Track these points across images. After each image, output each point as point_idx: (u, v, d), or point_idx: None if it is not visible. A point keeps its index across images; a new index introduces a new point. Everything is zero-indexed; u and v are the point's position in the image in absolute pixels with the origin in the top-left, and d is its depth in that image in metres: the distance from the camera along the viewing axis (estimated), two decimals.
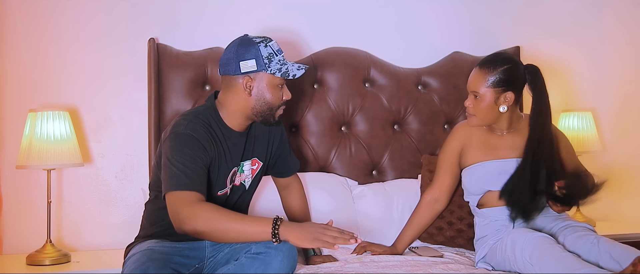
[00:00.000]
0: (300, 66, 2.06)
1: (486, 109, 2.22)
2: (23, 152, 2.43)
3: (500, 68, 2.20)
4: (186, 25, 2.82)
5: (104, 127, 2.74)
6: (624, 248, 1.92)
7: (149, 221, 2.10)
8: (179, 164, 1.87)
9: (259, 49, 2.00)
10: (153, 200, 2.11)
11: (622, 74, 3.29)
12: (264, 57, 1.99)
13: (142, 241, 2.04)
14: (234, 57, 2.01)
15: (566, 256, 1.86)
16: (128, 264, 1.90)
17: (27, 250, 2.52)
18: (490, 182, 2.23)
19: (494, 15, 3.15)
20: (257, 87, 2.02)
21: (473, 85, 2.24)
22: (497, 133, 2.31)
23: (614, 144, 3.28)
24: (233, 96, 2.04)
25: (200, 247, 2.03)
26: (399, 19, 3.04)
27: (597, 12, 3.29)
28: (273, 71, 2.00)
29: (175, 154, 1.89)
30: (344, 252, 2.36)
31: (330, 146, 2.78)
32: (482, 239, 2.25)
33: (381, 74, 2.87)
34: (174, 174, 1.86)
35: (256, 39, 2.02)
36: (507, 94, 2.21)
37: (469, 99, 2.26)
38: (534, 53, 3.16)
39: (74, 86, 2.72)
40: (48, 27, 2.70)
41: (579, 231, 2.06)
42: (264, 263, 1.83)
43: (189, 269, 1.95)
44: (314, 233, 1.79)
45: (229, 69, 2.02)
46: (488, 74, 2.20)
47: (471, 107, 2.25)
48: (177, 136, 1.93)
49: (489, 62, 2.24)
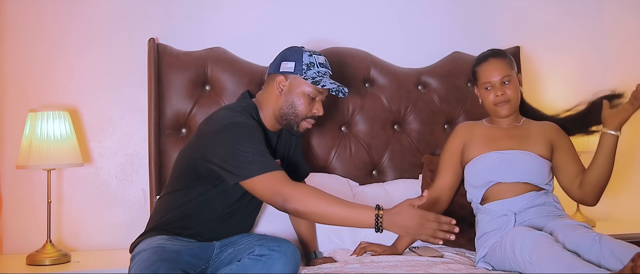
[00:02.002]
0: (338, 85, 2.07)
1: (515, 91, 2.31)
2: (23, 152, 2.43)
3: (509, 56, 2.35)
4: (186, 25, 2.82)
5: (104, 127, 2.74)
6: (626, 245, 1.91)
7: (163, 213, 2.07)
8: (253, 150, 1.87)
9: (302, 54, 2.06)
10: (173, 193, 2.08)
11: (622, 74, 3.29)
12: (304, 63, 2.05)
13: (152, 236, 2.01)
14: (279, 57, 2.09)
15: (566, 254, 1.86)
16: (137, 261, 1.89)
17: (27, 250, 2.52)
18: (493, 173, 2.25)
19: (494, 16, 3.15)
20: (289, 88, 2.06)
21: (504, 71, 2.30)
22: (500, 125, 2.37)
23: None
24: (268, 94, 2.10)
25: (209, 247, 2.03)
26: (399, 19, 3.04)
27: (597, 12, 3.29)
28: (307, 77, 2.04)
29: (243, 142, 1.88)
30: (344, 253, 2.36)
31: (330, 146, 2.78)
32: (483, 237, 2.25)
33: (381, 74, 2.87)
34: (254, 160, 1.85)
35: (305, 48, 2.09)
36: (519, 76, 2.38)
37: (500, 88, 2.29)
38: (533, 53, 3.17)
39: (74, 86, 2.72)
40: (48, 28, 2.70)
41: (579, 228, 2.06)
42: (267, 265, 1.83)
43: (196, 269, 1.95)
44: (418, 228, 1.75)
45: (272, 67, 2.10)
46: (509, 61, 2.33)
47: (504, 94, 2.29)
48: (238, 125, 1.93)
49: (499, 52, 2.36)
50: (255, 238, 2.05)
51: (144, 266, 1.81)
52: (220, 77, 2.68)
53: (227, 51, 2.74)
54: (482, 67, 2.33)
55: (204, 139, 1.97)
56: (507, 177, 2.23)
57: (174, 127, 2.63)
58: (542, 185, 2.25)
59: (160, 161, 2.57)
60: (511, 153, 2.25)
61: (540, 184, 2.25)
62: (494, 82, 2.29)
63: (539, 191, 2.24)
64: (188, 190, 2.04)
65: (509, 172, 2.23)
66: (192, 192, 2.03)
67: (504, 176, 2.23)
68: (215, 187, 2.01)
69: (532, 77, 3.17)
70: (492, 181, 2.26)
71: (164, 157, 2.58)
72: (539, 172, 2.23)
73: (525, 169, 2.23)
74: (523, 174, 2.23)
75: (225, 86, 2.68)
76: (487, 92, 2.31)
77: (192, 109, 2.64)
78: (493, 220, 2.23)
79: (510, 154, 2.25)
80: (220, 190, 2.01)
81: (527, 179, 2.23)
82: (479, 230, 2.29)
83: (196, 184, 2.02)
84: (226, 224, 2.08)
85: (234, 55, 2.75)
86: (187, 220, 2.04)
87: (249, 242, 2.01)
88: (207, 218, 2.05)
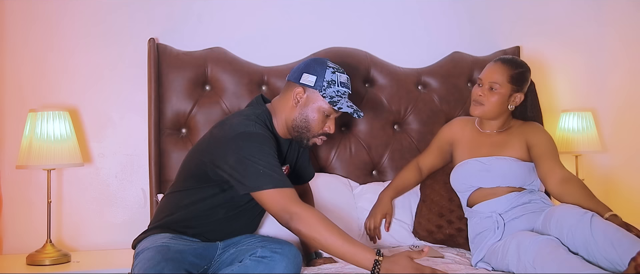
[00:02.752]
0: (355, 109, 2.06)
1: (498, 103, 2.31)
2: (23, 152, 2.43)
3: (520, 69, 2.33)
4: (186, 25, 2.82)
5: (104, 127, 2.74)
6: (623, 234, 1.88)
7: (169, 211, 2.07)
8: (264, 162, 1.88)
9: (325, 70, 2.05)
10: (180, 192, 2.08)
11: (622, 74, 3.29)
12: (325, 79, 2.04)
13: (156, 233, 2.01)
14: (303, 67, 2.07)
15: (570, 258, 1.86)
16: (141, 259, 1.88)
17: (27, 250, 2.52)
18: (473, 179, 2.32)
19: (494, 15, 3.15)
20: (306, 102, 2.06)
21: (494, 76, 2.31)
22: (487, 131, 2.40)
23: (614, 144, 3.28)
24: (284, 102, 2.09)
25: (212, 247, 2.03)
26: (399, 19, 3.04)
27: (596, 12, 3.29)
28: (325, 95, 2.04)
29: (255, 153, 1.89)
30: None
31: (330, 146, 2.78)
32: (477, 238, 2.27)
33: (381, 74, 2.87)
34: (265, 173, 1.86)
35: (330, 64, 2.08)
36: (518, 95, 2.34)
37: (481, 89, 2.34)
38: (533, 53, 3.16)
39: (74, 86, 2.71)
40: (48, 27, 2.70)
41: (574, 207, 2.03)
42: (268, 267, 1.84)
43: (198, 269, 1.94)
44: None
45: (293, 75, 2.09)
46: (511, 70, 2.31)
47: (483, 97, 2.33)
48: (252, 135, 1.93)
49: (510, 60, 2.35)
50: (258, 239, 2.05)
51: (149, 266, 1.80)
52: (220, 77, 2.68)
53: (227, 51, 2.74)
54: (487, 65, 2.39)
55: (216, 144, 1.97)
56: (487, 182, 2.30)
57: (174, 127, 2.63)
58: (525, 186, 2.29)
59: (160, 161, 2.57)
60: (489, 160, 2.31)
61: (522, 186, 2.29)
62: (483, 81, 2.34)
63: (522, 191, 2.27)
64: (196, 191, 2.04)
65: (488, 178, 2.29)
66: (200, 193, 2.03)
67: (484, 181, 2.30)
68: (224, 191, 2.01)
69: (532, 77, 3.16)
70: (473, 186, 2.33)
71: (164, 157, 2.58)
72: (516, 176, 2.27)
73: (503, 174, 2.28)
74: (500, 178, 2.28)
75: (225, 86, 2.68)
76: (475, 87, 2.39)
77: (192, 109, 2.64)
78: (482, 221, 2.27)
79: (488, 161, 2.31)
80: (228, 194, 2.01)
81: (506, 183, 2.28)
82: (471, 231, 2.32)
83: (204, 186, 2.02)
84: (231, 226, 2.08)
85: (234, 55, 2.75)
86: (192, 220, 2.04)
87: (251, 243, 2.01)
88: (212, 219, 2.05)
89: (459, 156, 2.42)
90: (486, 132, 2.40)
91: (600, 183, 3.25)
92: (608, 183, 3.28)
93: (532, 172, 2.30)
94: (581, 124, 3.06)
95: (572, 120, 3.07)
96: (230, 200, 2.02)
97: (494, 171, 2.29)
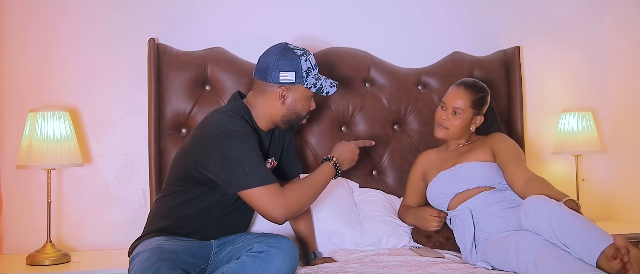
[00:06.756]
0: (332, 83, 2.15)
1: (461, 126, 2.46)
2: (23, 152, 2.43)
3: (481, 94, 2.47)
4: (186, 25, 2.82)
5: (104, 127, 2.74)
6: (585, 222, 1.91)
7: (160, 215, 2.10)
8: (249, 161, 1.92)
9: (299, 62, 2.07)
10: (170, 195, 2.10)
11: (622, 74, 3.29)
12: (303, 70, 2.07)
13: (149, 238, 2.03)
14: (273, 65, 2.06)
15: (572, 259, 1.86)
16: (136, 262, 1.89)
17: (27, 250, 2.52)
18: (446, 188, 2.42)
19: (494, 16, 3.15)
20: (291, 98, 2.10)
21: (456, 102, 2.45)
22: (452, 147, 2.54)
23: (614, 144, 3.28)
24: (265, 102, 2.11)
25: (207, 246, 2.04)
26: (399, 19, 3.04)
27: (597, 12, 3.29)
28: (309, 85, 2.09)
29: (239, 152, 1.92)
30: (344, 254, 2.35)
31: (330, 146, 2.77)
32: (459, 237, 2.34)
33: (381, 74, 2.87)
34: (251, 171, 1.91)
35: (297, 52, 2.08)
36: (479, 118, 2.49)
37: (445, 113, 2.47)
38: (534, 53, 3.16)
39: (74, 86, 2.71)
40: (48, 28, 2.70)
41: None
42: (266, 262, 1.84)
43: (195, 269, 1.95)
44: (347, 153, 2.19)
45: (267, 76, 2.08)
46: (473, 96, 2.45)
47: (447, 121, 2.47)
48: (233, 133, 1.95)
49: (472, 85, 2.48)
50: (253, 235, 2.07)
51: (144, 267, 1.81)
52: (220, 77, 2.68)
53: (227, 51, 2.74)
54: (450, 88, 2.50)
55: (198, 145, 2.00)
56: (458, 187, 2.39)
57: (174, 127, 2.63)
58: (494, 185, 2.37)
59: (160, 161, 2.57)
60: (456, 168, 2.43)
61: (492, 185, 2.37)
62: (447, 105, 2.47)
63: (492, 190, 2.35)
64: (184, 192, 2.06)
65: (459, 183, 2.39)
66: (189, 193, 2.05)
67: (455, 187, 2.40)
68: (213, 189, 2.03)
69: (532, 77, 3.17)
70: (447, 193, 2.42)
71: (164, 157, 2.58)
72: (484, 176, 2.36)
73: (470, 176, 2.38)
74: (469, 180, 2.38)
75: (225, 86, 2.68)
76: (439, 109, 2.51)
77: (192, 109, 2.64)
78: (457, 221, 2.37)
79: (455, 169, 2.43)
80: (217, 192, 2.03)
81: (476, 184, 2.37)
82: (455, 233, 2.40)
83: (192, 186, 2.05)
84: (222, 223, 2.10)
85: (234, 55, 2.75)
86: (184, 220, 2.06)
87: (247, 240, 2.02)
88: (204, 218, 2.07)
89: (431, 177, 2.51)
90: (451, 150, 2.54)
91: (600, 183, 3.25)
92: (608, 183, 3.27)
93: (500, 172, 2.36)
94: (581, 124, 3.06)
95: (572, 120, 3.07)
96: (219, 197, 2.04)
97: (462, 175, 2.40)
